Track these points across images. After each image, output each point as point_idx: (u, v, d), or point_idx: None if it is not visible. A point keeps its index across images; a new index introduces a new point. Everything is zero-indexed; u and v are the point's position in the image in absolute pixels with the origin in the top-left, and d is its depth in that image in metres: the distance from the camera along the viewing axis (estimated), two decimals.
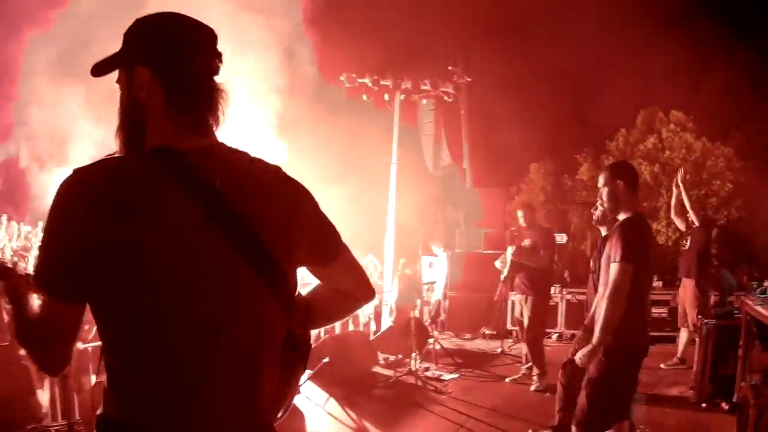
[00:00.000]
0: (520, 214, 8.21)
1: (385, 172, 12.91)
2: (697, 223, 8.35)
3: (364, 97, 12.92)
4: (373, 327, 10.06)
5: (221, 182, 1.70)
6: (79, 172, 1.71)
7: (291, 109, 11.09)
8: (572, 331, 10.46)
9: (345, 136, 13.85)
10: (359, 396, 7.34)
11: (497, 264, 8.62)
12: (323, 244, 1.96)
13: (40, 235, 10.33)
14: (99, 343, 5.40)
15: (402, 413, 6.97)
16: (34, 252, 10.75)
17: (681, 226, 8.45)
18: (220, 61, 1.87)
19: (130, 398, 1.68)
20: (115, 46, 1.91)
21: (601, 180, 4.32)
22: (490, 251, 11.77)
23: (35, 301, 1.93)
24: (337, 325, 9.22)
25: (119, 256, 1.60)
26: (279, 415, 1.97)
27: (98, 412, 1.77)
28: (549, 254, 7.82)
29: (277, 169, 1.88)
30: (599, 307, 4.19)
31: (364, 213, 12.82)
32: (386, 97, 12.96)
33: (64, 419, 6.47)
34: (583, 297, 10.25)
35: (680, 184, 8.28)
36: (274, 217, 1.79)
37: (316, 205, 1.93)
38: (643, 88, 16.23)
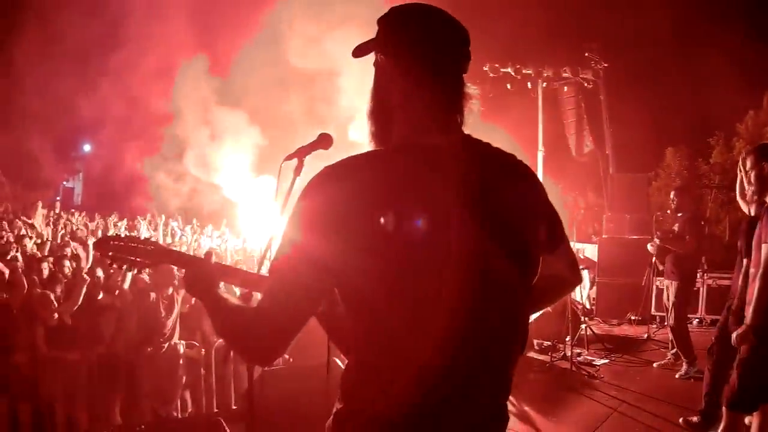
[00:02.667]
0: (672, 196, 8.33)
1: (532, 159, 13.01)
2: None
3: (508, 86, 13.20)
4: None
5: (474, 174, 1.71)
6: (331, 167, 1.71)
7: None
8: (712, 317, 10.37)
9: (488, 124, 14.36)
10: (517, 380, 7.63)
11: (649, 247, 8.82)
12: (555, 230, 1.96)
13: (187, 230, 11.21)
14: None
15: (558, 397, 7.29)
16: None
17: (744, 209, 8.18)
18: (469, 61, 1.85)
19: (390, 391, 1.66)
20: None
21: (747, 163, 4.52)
22: (635, 236, 11.76)
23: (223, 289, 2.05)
24: None
25: (375, 247, 1.60)
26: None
27: (338, 406, 1.78)
28: (694, 240, 7.82)
29: (514, 157, 1.87)
30: (751, 288, 4.26)
31: None
32: (529, 85, 13.24)
33: (219, 407, 6.88)
34: (722, 282, 10.30)
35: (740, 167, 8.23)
36: (523, 205, 1.80)
37: (545, 190, 1.93)
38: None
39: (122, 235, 2.59)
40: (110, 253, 2.36)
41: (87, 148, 32.20)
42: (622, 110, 14.20)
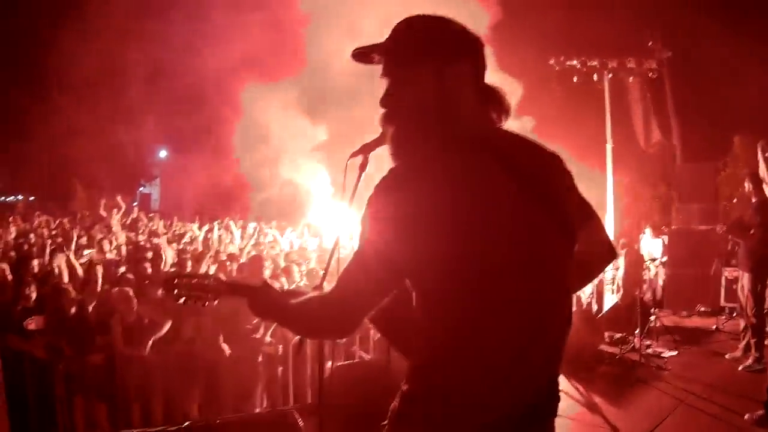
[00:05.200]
0: (746, 183, 8.21)
1: (600, 152, 13.16)
2: None
3: (574, 79, 13.27)
4: (594, 307, 10.20)
5: (524, 162, 1.82)
6: (397, 169, 1.83)
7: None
8: None
9: (556, 118, 14.40)
10: (587, 372, 7.79)
11: (718, 229, 8.83)
12: (582, 207, 2.08)
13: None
14: None
15: (626, 389, 7.42)
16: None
17: None
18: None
19: (455, 371, 1.76)
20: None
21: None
22: (704, 227, 11.60)
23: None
24: None
25: (450, 235, 1.69)
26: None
27: (403, 387, 1.87)
28: (760, 231, 7.68)
29: (543, 147, 1.98)
30: None
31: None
32: (595, 77, 13.23)
33: (296, 402, 6.89)
34: None
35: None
36: (562, 188, 1.92)
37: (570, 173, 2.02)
38: None
39: (183, 273, 2.67)
40: (175, 291, 2.48)
41: (163, 154, 32.74)
42: (688, 99, 14.02)
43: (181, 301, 2.45)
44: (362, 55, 2.00)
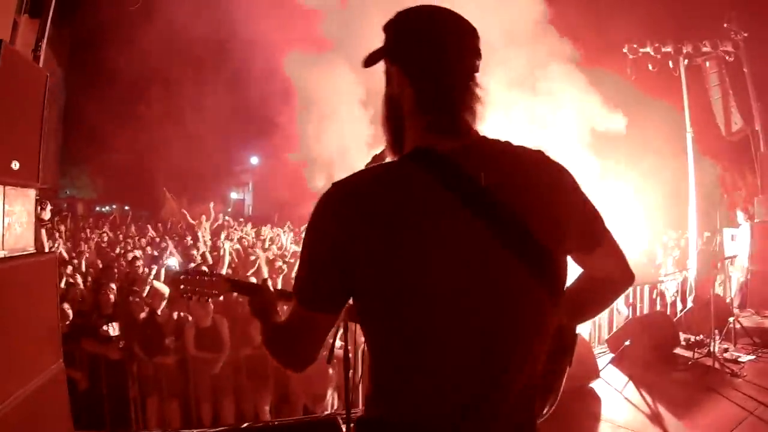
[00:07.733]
0: None
1: (680, 141, 12.66)
2: None
3: (650, 66, 12.82)
4: (679, 306, 9.99)
5: (486, 178, 1.64)
6: (337, 185, 1.70)
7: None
8: None
9: (631, 108, 13.89)
10: (658, 378, 7.52)
11: None
12: (590, 229, 1.85)
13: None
14: None
15: (694, 398, 7.00)
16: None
17: None
18: (479, 58, 1.78)
19: (401, 400, 1.68)
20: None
21: None
22: None
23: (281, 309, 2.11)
24: (646, 306, 9.59)
25: (385, 264, 1.60)
26: (545, 410, 1.91)
27: (358, 414, 1.82)
28: None
29: (539, 154, 1.79)
30: None
31: (663, 187, 12.86)
32: (670, 64, 12.75)
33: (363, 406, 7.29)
34: None
35: None
36: (543, 205, 1.70)
37: (579, 187, 1.81)
38: None
39: (189, 270, 2.72)
40: (181, 287, 2.55)
41: (255, 160, 33.87)
42: None
43: (189, 297, 2.55)
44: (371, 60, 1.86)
